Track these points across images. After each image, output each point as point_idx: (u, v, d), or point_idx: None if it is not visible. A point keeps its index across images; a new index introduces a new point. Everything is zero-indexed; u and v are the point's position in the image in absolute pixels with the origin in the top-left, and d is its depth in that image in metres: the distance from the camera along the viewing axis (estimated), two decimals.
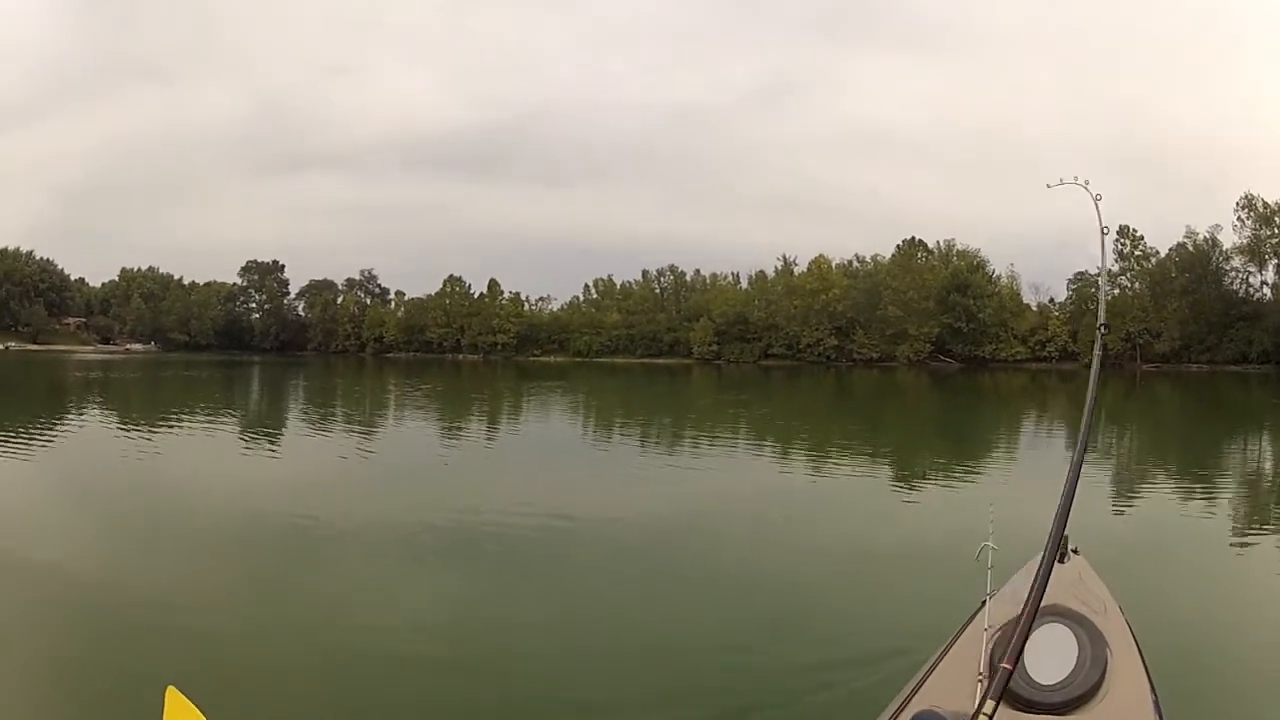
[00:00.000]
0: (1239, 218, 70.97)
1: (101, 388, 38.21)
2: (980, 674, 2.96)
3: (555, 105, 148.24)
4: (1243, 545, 9.51)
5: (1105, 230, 3.84)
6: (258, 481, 13.34)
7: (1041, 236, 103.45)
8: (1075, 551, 3.99)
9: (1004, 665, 2.47)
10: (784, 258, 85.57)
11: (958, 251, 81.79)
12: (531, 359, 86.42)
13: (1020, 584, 3.64)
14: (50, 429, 20.07)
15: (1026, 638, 2.77)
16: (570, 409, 32.05)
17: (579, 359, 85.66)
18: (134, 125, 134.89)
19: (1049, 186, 4.00)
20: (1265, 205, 70.13)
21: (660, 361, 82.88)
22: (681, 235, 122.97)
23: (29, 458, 15.11)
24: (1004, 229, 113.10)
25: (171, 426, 22.01)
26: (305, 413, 28.60)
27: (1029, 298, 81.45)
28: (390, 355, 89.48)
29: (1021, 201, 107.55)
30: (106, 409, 27.56)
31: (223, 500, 11.09)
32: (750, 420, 26.71)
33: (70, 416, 24.28)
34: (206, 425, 22.50)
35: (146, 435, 19.73)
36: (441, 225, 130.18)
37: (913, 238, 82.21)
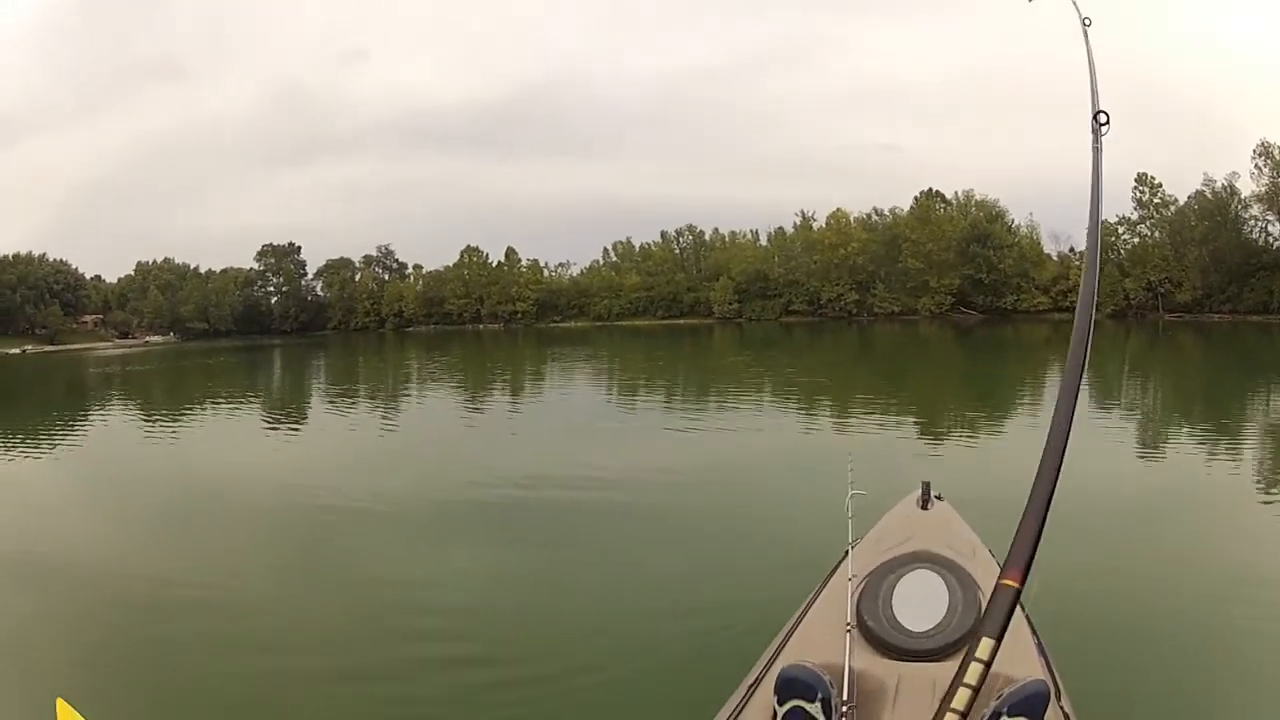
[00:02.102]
0: (1256, 165, 69.76)
1: (121, 382, 38.24)
2: (848, 624, 2.87)
3: (566, 76, 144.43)
4: (1141, 494, 9.41)
5: (1092, 66, 2.81)
6: (283, 466, 13.45)
7: (1061, 185, 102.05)
8: (939, 498, 3.94)
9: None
10: (802, 213, 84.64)
11: (976, 202, 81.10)
12: (552, 325, 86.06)
13: (882, 532, 3.65)
14: (68, 430, 19.75)
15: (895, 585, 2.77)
16: (592, 374, 32.15)
17: (600, 323, 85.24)
18: (148, 125, 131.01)
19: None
20: None
21: (682, 322, 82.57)
22: (699, 198, 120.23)
23: (53, 458, 15.14)
24: (1024, 178, 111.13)
25: (194, 416, 22.09)
26: (327, 393, 28.69)
27: (1049, 247, 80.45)
28: (410, 330, 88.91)
29: (1041, 150, 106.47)
30: (127, 404, 27.57)
31: (251, 487, 11.18)
32: (764, 380, 26.38)
33: (89, 415, 23.83)
34: (231, 412, 22.54)
35: (168, 428, 19.56)
36: (457, 199, 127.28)
37: (930, 189, 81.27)
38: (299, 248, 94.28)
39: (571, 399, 22.78)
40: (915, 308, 79.39)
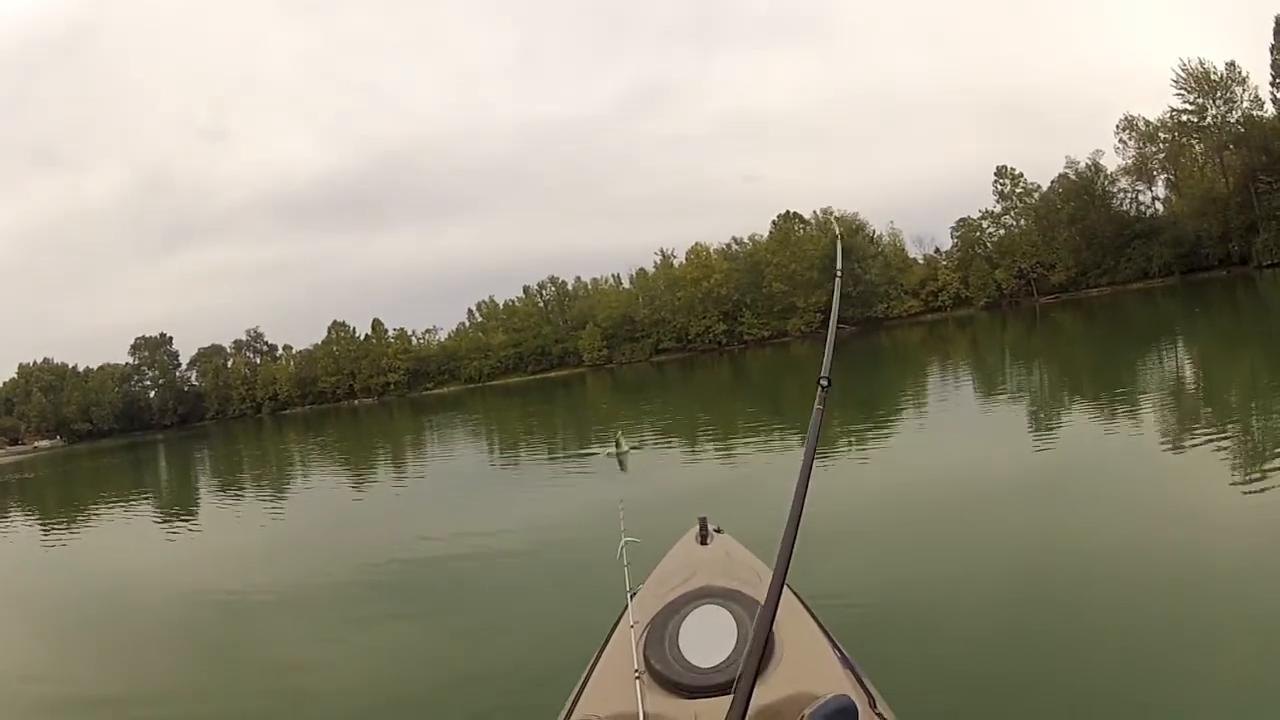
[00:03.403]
0: (1120, 140, 67.99)
1: (19, 491, 37.77)
2: (636, 671, 2.80)
3: (428, 141, 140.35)
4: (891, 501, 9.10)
5: (839, 273, 3.49)
6: (178, 561, 13.48)
7: (920, 192, 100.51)
8: (719, 531, 3.92)
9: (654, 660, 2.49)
10: (662, 251, 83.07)
11: (835, 218, 78.05)
12: (425, 393, 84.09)
13: (663, 574, 3.59)
14: None
15: (680, 625, 2.82)
16: (469, 438, 32.07)
17: (472, 385, 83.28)
18: (27, 214, 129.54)
19: None
20: (1147, 123, 66.84)
21: (554, 374, 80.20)
22: (565, 248, 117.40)
23: None
24: (883, 191, 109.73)
25: (89, 521, 22.18)
26: (214, 486, 29.06)
27: (914, 251, 78.52)
28: (286, 412, 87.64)
29: (897, 162, 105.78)
30: (26, 514, 27.85)
31: (148, 585, 11.12)
32: (606, 427, 25.02)
33: None
34: (124, 513, 22.47)
35: (66, 534, 19.93)
36: (322, 275, 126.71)
37: (788, 211, 79.32)
38: (170, 339, 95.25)
39: (434, 469, 23.20)
40: (785, 329, 76.59)
